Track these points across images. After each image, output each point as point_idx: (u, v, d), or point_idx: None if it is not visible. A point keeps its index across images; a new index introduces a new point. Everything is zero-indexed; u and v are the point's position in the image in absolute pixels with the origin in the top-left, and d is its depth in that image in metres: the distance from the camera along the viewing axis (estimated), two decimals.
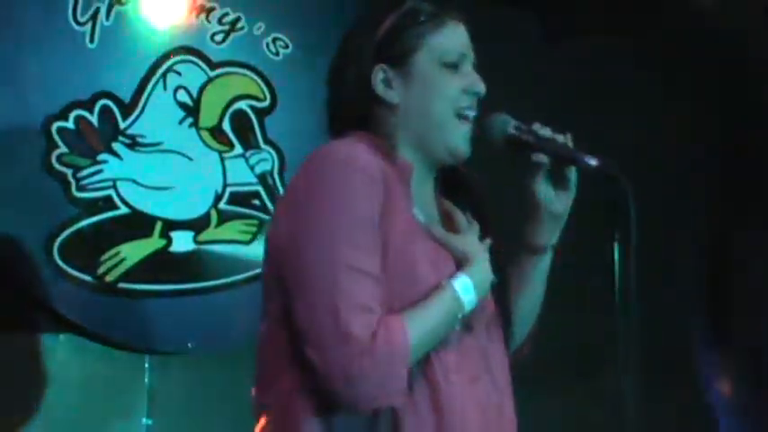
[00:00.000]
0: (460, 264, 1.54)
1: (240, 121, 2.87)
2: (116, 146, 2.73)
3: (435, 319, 1.48)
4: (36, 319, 2.68)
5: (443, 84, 1.60)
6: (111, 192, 2.72)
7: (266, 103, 2.90)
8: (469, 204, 1.70)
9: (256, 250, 2.86)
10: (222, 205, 2.84)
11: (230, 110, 2.86)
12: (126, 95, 2.73)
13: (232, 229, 2.85)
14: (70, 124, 2.67)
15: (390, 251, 1.48)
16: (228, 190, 2.85)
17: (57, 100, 2.66)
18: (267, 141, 2.89)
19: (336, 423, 1.47)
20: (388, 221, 1.48)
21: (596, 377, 2.96)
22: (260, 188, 2.89)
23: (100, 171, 2.71)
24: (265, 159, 2.89)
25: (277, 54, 2.91)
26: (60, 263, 2.65)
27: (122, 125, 2.73)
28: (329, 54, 2.91)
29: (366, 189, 1.47)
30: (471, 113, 1.62)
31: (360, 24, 1.67)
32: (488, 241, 1.60)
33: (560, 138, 1.62)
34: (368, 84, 1.59)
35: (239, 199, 2.86)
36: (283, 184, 2.90)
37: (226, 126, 2.85)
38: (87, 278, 2.68)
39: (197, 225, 2.80)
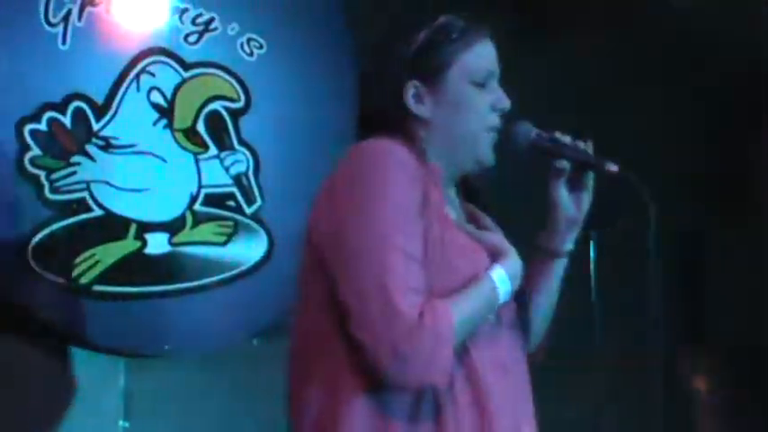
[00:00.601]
0: (494, 257, 1.62)
1: (214, 122, 2.86)
2: (90, 148, 2.71)
3: (475, 306, 1.56)
4: (10, 322, 2.66)
5: (473, 101, 1.67)
6: (86, 194, 2.70)
7: (241, 104, 2.89)
8: (482, 207, 1.78)
9: (232, 252, 2.86)
10: (197, 207, 2.83)
11: (204, 111, 2.85)
12: (99, 97, 2.72)
13: (207, 231, 2.84)
14: (43, 126, 2.66)
15: (429, 242, 1.55)
16: (203, 191, 2.84)
17: (29, 102, 2.64)
18: (242, 142, 2.89)
19: (383, 404, 1.52)
20: (426, 214, 1.55)
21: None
22: (235, 189, 2.88)
23: (74, 173, 2.69)
24: (240, 160, 2.88)
25: (251, 54, 2.90)
26: (34, 265, 2.64)
27: (96, 127, 2.72)
28: (303, 54, 2.96)
29: (408, 180, 1.55)
30: (498, 126, 1.69)
31: (392, 36, 1.71)
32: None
33: (581, 144, 1.69)
34: (400, 98, 1.66)
35: (214, 200, 2.85)
36: (258, 185, 2.89)
37: (200, 127, 2.84)
38: (62, 281, 2.66)
39: (172, 227, 2.80)
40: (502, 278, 1.58)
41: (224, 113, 2.88)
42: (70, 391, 2.72)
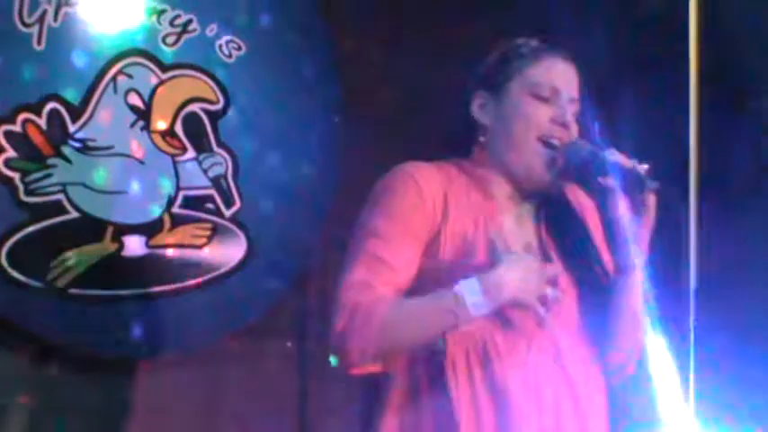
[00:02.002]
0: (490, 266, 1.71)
1: (193, 124, 2.84)
2: (66, 149, 2.69)
3: (425, 308, 1.70)
4: None
5: (529, 110, 1.79)
6: (61, 196, 2.68)
7: (219, 106, 2.87)
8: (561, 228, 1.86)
9: (210, 254, 2.84)
10: (175, 209, 2.81)
11: (183, 113, 2.83)
12: (75, 98, 2.69)
13: (185, 233, 2.82)
14: (18, 128, 2.63)
15: (447, 245, 1.73)
16: (181, 194, 2.82)
17: (4, 103, 2.61)
18: (220, 144, 2.86)
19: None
20: (449, 222, 1.75)
21: None
22: (213, 191, 2.86)
23: (49, 175, 2.67)
24: (219, 163, 2.86)
25: (230, 56, 2.88)
26: (9, 269, 2.61)
27: (72, 128, 2.69)
28: (282, 56, 2.94)
29: (415, 199, 1.75)
30: (554, 142, 1.78)
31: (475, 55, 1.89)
32: (551, 268, 1.74)
33: (628, 163, 1.74)
34: (468, 109, 1.83)
35: (192, 203, 2.83)
36: (237, 187, 2.87)
37: (178, 129, 2.82)
38: (37, 284, 2.64)
39: (149, 229, 2.77)
40: (472, 289, 1.66)
41: (202, 115, 2.85)
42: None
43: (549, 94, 1.79)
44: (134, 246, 2.75)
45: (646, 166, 1.73)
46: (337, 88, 3.01)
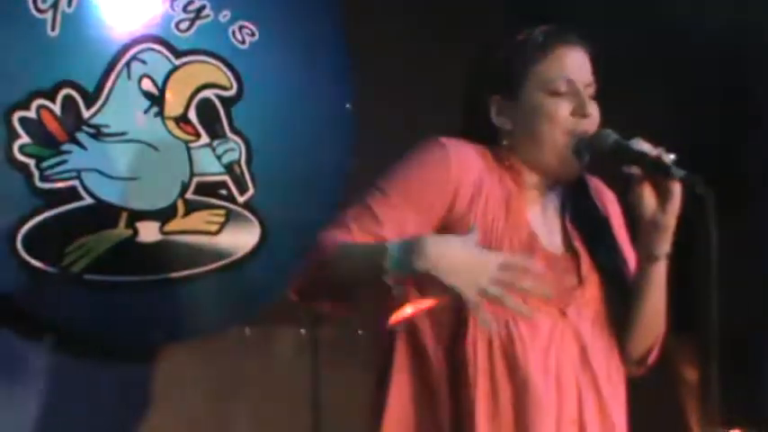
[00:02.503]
0: None
1: (206, 110, 2.83)
2: (80, 136, 2.69)
3: (360, 253, 1.70)
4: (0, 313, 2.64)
5: (549, 110, 1.77)
6: (76, 182, 2.68)
7: (232, 92, 2.86)
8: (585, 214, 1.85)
9: (224, 240, 2.84)
10: (189, 195, 2.81)
11: (196, 99, 2.83)
12: (89, 84, 2.69)
13: (199, 220, 2.82)
14: (32, 114, 2.63)
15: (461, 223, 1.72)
16: (195, 180, 2.82)
17: (18, 89, 2.61)
18: (234, 130, 2.86)
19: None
20: (473, 201, 1.74)
21: None
22: (227, 178, 2.85)
23: (64, 161, 2.67)
24: (232, 149, 2.86)
25: (243, 42, 2.88)
26: (24, 255, 2.62)
27: (86, 115, 2.69)
28: (296, 42, 2.93)
29: (440, 175, 1.74)
30: (581, 131, 1.77)
31: (480, 53, 1.87)
32: (501, 256, 1.69)
33: (653, 151, 1.72)
34: (487, 113, 1.81)
35: (206, 189, 2.83)
36: (251, 174, 2.87)
37: (192, 115, 2.82)
38: (52, 270, 2.64)
39: (163, 215, 2.77)
40: (395, 248, 1.64)
41: (216, 101, 2.85)
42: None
43: (564, 88, 1.77)
44: (148, 232, 2.75)
45: (672, 155, 1.71)
46: (351, 75, 3.00)
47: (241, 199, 2.86)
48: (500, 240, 1.73)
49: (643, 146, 1.74)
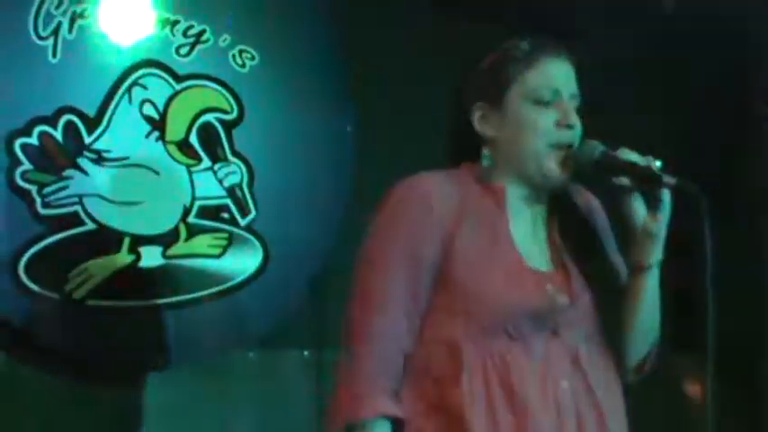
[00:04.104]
0: None
1: (207, 133, 2.84)
2: (82, 161, 2.69)
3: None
4: (3, 339, 2.64)
5: (534, 120, 1.76)
6: (78, 208, 2.68)
7: (233, 116, 2.87)
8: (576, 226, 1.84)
9: (226, 264, 2.84)
10: (191, 219, 2.81)
11: (197, 123, 2.83)
12: (91, 110, 2.70)
13: (201, 243, 2.82)
14: (34, 140, 2.64)
15: (460, 262, 1.71)
16: (197, 204, 2.82)
17: (19, 116, 2.62)
18: (235, 154, 2.87)
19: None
20: (457, 238, 1.72)
21: None
22: (229, 201, 2.86)
23: (66, 187, 2.67)
24: (234, 172, 2.86)
25: (243, 66, 2.89)
26: (26, 281, 2.61)
27: (87, 140, 2.70)
28: (296, 65, 2.94)
29: (413, 220, 1.73)
30: (565, 143, 1.75)
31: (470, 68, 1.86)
32: None
33: (642, 160, 1.72)
34: (470, 121, 1.79)
35: (208, 213, 2.83)
36: (253, 197, 2.87)
37: (193, 139, 2.83)
38: (55, 296, 2.64)
39: (166, 240, 2.77)
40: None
41: (217, 125, 2.86)
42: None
43: (550, 98, 1.76)
44: (151, 256, 2.75)
45: (659, 162, 1.70)
46: (350, 97, 3.01)
47: (243, 222, 2.86)
48: (488, 267, 1.71)
49: (630, 155, 1.73)
